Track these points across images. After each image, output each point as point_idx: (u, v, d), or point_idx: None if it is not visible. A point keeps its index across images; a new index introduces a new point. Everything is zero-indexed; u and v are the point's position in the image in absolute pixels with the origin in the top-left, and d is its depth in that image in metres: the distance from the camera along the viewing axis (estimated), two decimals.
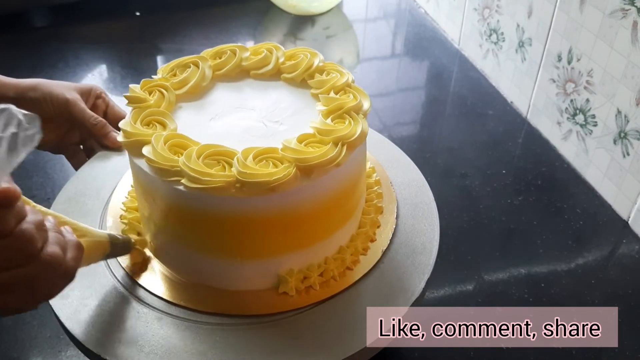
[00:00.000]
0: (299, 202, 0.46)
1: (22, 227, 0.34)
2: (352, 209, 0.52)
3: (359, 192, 0.54)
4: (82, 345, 0.45)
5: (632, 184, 0.71)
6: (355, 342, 0.45)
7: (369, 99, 0.52)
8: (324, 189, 0.46)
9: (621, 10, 0.69)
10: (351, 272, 0.51)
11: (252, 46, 0.59)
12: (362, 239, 0.53)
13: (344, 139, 0.47)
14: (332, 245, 0.51)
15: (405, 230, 0.54)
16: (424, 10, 1.20)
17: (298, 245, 0.48)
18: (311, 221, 0.48)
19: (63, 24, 1.18)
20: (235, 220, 0.46)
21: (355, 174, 0.50)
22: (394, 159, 0.62)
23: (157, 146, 0.45)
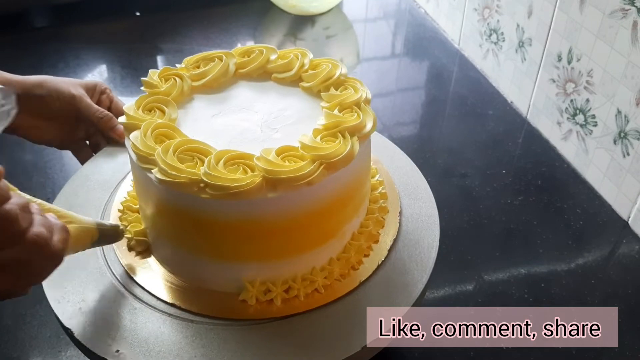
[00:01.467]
0: (261, 213, 0.45)
1: (6, 207, 0.34)
2: (360, 201, 0.52)
3: (368, 185, 0.54)
4: (82, 345, 0.45)
5: (632, 184, 0.71)
6: (355, 342, 0.45)
7: (373, 120, 0.50)
8: (293, 204, 0.45)
9: (621, 10, 0.69)
10: (354, 273, 0.50)
11: (281, 50, 0.58)
12: (356, 250, 0.52)
13: (324, 158, 0.45)
14: (320, 256, 0.50)
15: (405, 230, 0.54)
16: (424, 10, 1.20)
17: (262, 255, 0.48)
18: (277, 234, 0.47)
19: (63, 24, 1.18)
20: (197, 219, 0.46)
21: (335, 194, 0.48)
22: (394, 159, 0.62)
23: (144, 133, 0.46)
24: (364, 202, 0.54)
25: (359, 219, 0.53)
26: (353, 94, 0.52)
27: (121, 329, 0.46)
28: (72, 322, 0.47)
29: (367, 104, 0.51)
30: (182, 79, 0.54)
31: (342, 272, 0.50)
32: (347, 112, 0.50)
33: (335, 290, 0.49)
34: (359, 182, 0.51)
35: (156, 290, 0.49)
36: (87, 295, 0.49)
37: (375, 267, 0.51)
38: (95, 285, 0.49)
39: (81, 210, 0.56)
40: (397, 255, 0.52)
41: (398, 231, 0.54)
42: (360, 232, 0.53)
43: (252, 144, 0.48)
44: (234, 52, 0.58)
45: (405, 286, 0.50)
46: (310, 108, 0.53)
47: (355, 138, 0.48)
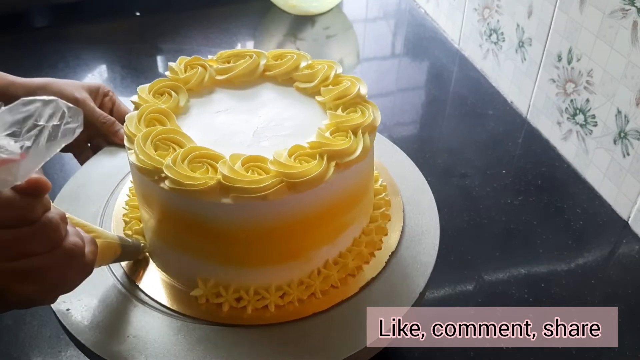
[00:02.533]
0: (277, 214, 0.45)
1: (48, 215, 0.35)
2: (366, 203, 0.52)
3: (372, 184, 0.54)
4: (82, 345, 0.45)
5: (632, 184, 0.71)
6: (356, 343, 0.45)
7: (363, 83, 0.51)
8: (307, 204, 0.45)
9: (621, 10, 0.69)
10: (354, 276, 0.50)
11: (315, 60, 0.57)
12: (357, 257, 0.51)
13: (335, 155, 0.46)
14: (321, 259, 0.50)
15: (405, 230, 0.54)
16: (424, 10, 1.20)
17: (265, 259, 0.48)
18: (287, 236, 0.47)
19: (63, 24, 1.18)
20: (210, 226, 0.45)
21: (346, 190, 0.48)
22: (394, 159, 0.62)
23: (144, 143, 0.45)
24: (368, 204, 0.53)
25: (360, 224, 0.52)
26: (360, 116, 0.50)
27: (121, 329, 0.46)
28: (72, 322, 0.47)
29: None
30: (205, 69, 0.54)
31: (340, 277, 0.50)
32: (351, 111, 0.50)
33: (335, 295, 0.49)
34: (366, 179, 0.51)
35: (155, 294, 0.49)
36: (87, 294, 0.49)
37: (375, 273, 0.50)
38: (96, 285, 0.49)
39: (81, 211, 0.56)
40: (397, 255, 0.52)
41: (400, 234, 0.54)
42: (361, 239, 0.52)
43: (234, 147, 0.47)
44: (268, 54, 0.57)
45: (405, 286, 0.50)
46: (311, 124, 0.50)
47: (367, 135, 0.48)
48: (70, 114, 0.34)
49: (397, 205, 0.57)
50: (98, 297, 0.49)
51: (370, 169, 0.52)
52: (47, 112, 0.33)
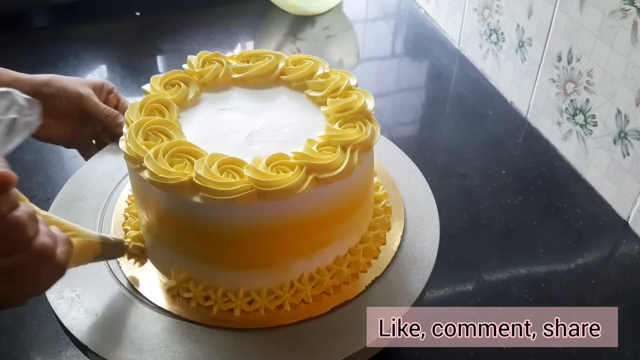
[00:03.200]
0: (248, 219, 0.45)
1: (15, 214, 0.33)
2: (364, 211, 0.51)
3: (370, 194, 0.53)
4: (82, 345, 0.45)
5: (632, 184, 0.71)
6: (355, 343, 0.45)
7: (371, 97, 0.51)
8: (280, 213, 0.45)
9: (621, 10, 0.69)
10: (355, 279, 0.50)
11: (332, 69, 0.56)
12: (336, 276, 0.50)
13: (356, 142, 0.46)
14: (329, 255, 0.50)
15: (404, 230, 0.54)
16: (424, 10, 1.20)
17: (249, 263, 0.47)
18: (263, 241, 0.46)
19: (63, 24, 1.18)
20: (255, 229, 0.45)
21: (366, 177, 0.49)
22: (394, 159, 0.62)
23: (135, 133, 0.46)
24: (357, 223, 0.52)
25: (346, 242, 0.51)
26: (356, 132, 0.49)
27: (121, 329, 0.46)
28: (72, 322, 0.47)
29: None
30: (222, 66, 0.55)
31: (314, 294, 0.49)
32: (349, 126, 0.49)
33: (335, 295, 0.49)
34: (353, 197, 0.49)
35: (152, 296, 0.49)
36: (87, 294, 0.49)
37: (376, 275, 0.50)
38: (96, 285, 0.49)
39: (81, 210, 0.56)
40: (397, 255, 0.52)
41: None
42: (345, 258, 0.51)
43: (223, 147, 0.47)
44: (288, 58, 0.57)
45: (405, 286, 0.50)
46: (308, 134, 0.48)
47: (356, 152, 0.46)
48: (28, 106, 0.33)
49: (398, 214, 0.56)
50: (98, 297, 0.49)
51: (362, 187, 0.50)
52: (2, 104, 0.32)
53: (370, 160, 0.50)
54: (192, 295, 0.48)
